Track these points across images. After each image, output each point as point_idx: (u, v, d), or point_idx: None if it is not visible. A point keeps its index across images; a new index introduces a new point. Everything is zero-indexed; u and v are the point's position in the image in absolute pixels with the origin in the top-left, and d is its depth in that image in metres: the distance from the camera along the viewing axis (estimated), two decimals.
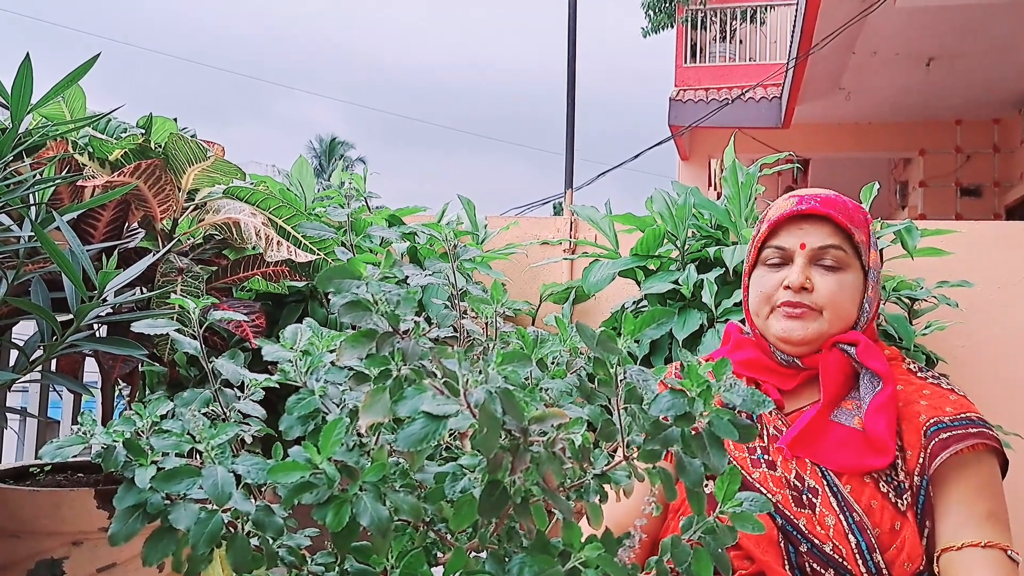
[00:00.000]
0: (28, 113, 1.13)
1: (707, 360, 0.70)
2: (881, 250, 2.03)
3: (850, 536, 1.11)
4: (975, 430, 1.13)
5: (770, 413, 1.23)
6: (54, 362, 1.43)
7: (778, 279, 1.24)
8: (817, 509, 1.14)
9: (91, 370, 1.70)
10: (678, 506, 1.23)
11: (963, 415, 1.15)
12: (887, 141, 9.13)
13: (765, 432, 1.23)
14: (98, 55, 1.16)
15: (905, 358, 1.29)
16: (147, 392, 2.05)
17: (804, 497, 1.15)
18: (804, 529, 1.13)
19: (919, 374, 1.25)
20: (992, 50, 6.62)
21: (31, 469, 1.31)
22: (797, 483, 1.17)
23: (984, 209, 8.75)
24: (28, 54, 1.07)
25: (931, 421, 1.15)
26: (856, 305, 1.24)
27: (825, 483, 1.15)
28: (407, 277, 0.70)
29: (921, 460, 1.13)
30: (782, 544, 1.14)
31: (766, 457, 1.21)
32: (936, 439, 1.13)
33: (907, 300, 1.97)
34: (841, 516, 1.12)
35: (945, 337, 2.10)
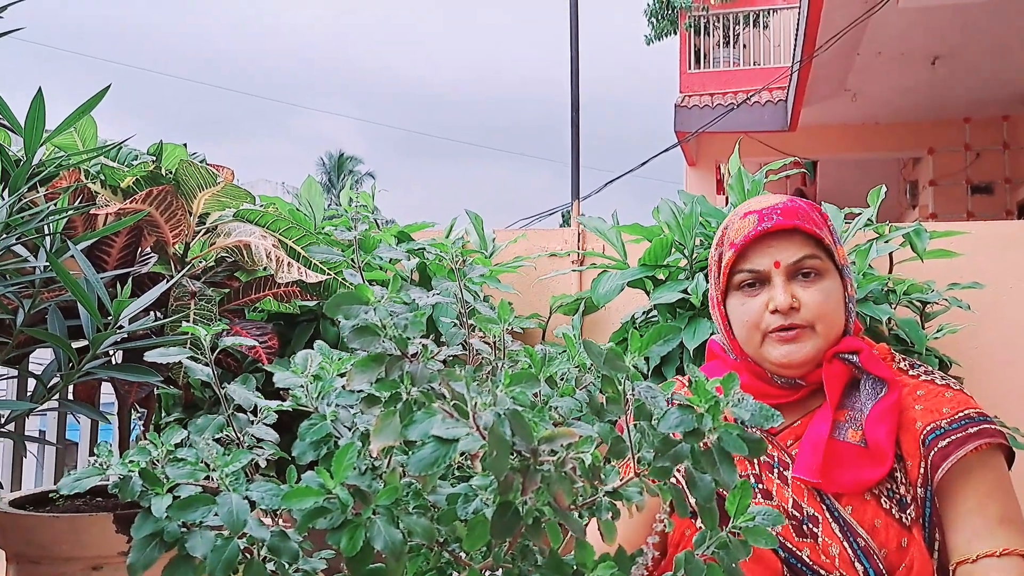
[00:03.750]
0: (41, 145, 1.14)
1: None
2: (891, 253, 2.04)
3: (856, 564, 1.06)
4: (975, 429, 1.09)
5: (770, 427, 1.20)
6: (71, 387, 1.44)
7: (760, 303, 1.19)
8: (820, 538, 1.09)
9: (107, 391, 1.71)
10: (677, 540, 1.17)
11: (960, 414, 1.11)
12: (895, 141, 9.10)
13: (755, 460, 1.16)
14: (108, 87, 1.18)
15: (895, 355, 1.24)
16: (163, 413, 2.07)
17: (804, 526, 1.10)
18: (808, 560, 1.08)
19: (911, 372, 1.20)
20: (997, 47, 6.60)
21: (50, 495, 1.32)
22: (795, 512, 1.11)
23: (995, 206, 8.70)
24: (40, 88, 1.09)
25: (928, 428, 1.11)
26: (842, 309, 1.20)
27: (824, 508, 1.10)
28: (414, 300, 0.71)
29: (922, 471, 1.09)
30: None
31: (760, 486, 1.15)
32: (935, 448, 1.09)
33: (918, 303, 1.97)
34: (845, 543, 1.07)
35: (957, 340, 2.08)
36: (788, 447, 1.18)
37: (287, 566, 0.64)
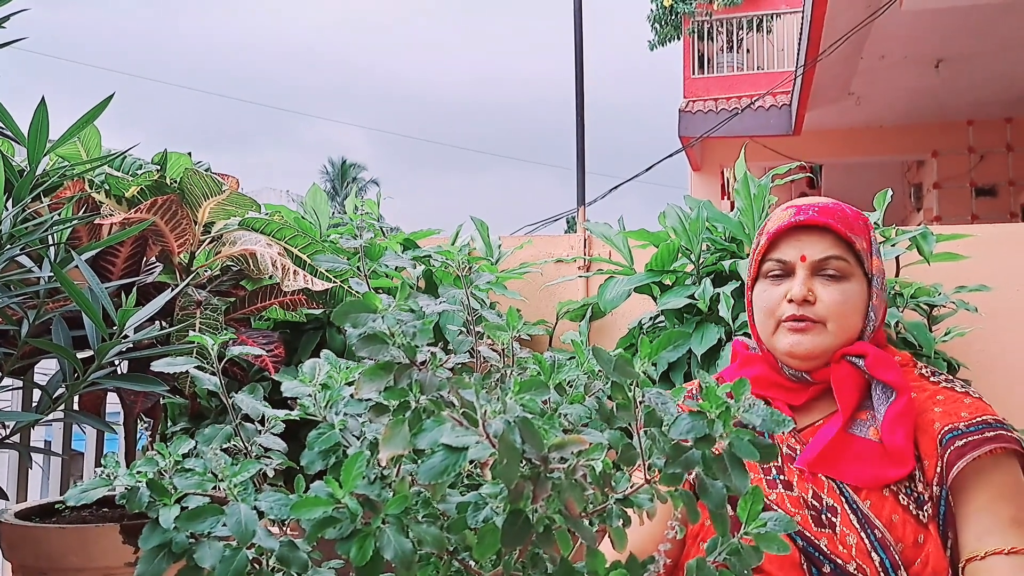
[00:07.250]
0: (45, 155, 1.14)
1: (717, 379, 0.70)
2: (897, 257, 2.03)
3: (873, 554, 1.08)
4: (992, 433, 1.11)
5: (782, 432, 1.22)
6: (76, 398, 1.44)
7: (781, 292, 1.22)
8: (837, 528, 1.11)
9: (113, 401, 1.71)
10: (697, 531, 1.21)
11: (978, 419, 1.13)
12: (899, 144, 9.08)
13: (779, 452, 1.19)
14: (112, 95, 1.18)
15: (917, 363, 1.27)
16: (169, 423, 2.06)
17: (823, 516, 1.13)
18: (826, 549, 1.10)
19: (932, 379, 1.23)
20: (1001, 49, 6.59)
21: (55, 506, 1.32)
22: (815, 503, 1.14)
23: (1000, 208, 8.68)
24: (43, 98, 1.09)
25: (946, 429, 1.13)
26: (861, 315, 1.22)
27: (844, 500, 1.13)
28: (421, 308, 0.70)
29: (938, 470, 1.11)
30: (804, 566, 1.11)
31: (781, 478, 1.18)
32: (952, 447, 1.11)
33: (925, 307, 1.96)
34: (862, 534, 1.10)
35: (965, 343, 2.07)
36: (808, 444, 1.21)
37: None
